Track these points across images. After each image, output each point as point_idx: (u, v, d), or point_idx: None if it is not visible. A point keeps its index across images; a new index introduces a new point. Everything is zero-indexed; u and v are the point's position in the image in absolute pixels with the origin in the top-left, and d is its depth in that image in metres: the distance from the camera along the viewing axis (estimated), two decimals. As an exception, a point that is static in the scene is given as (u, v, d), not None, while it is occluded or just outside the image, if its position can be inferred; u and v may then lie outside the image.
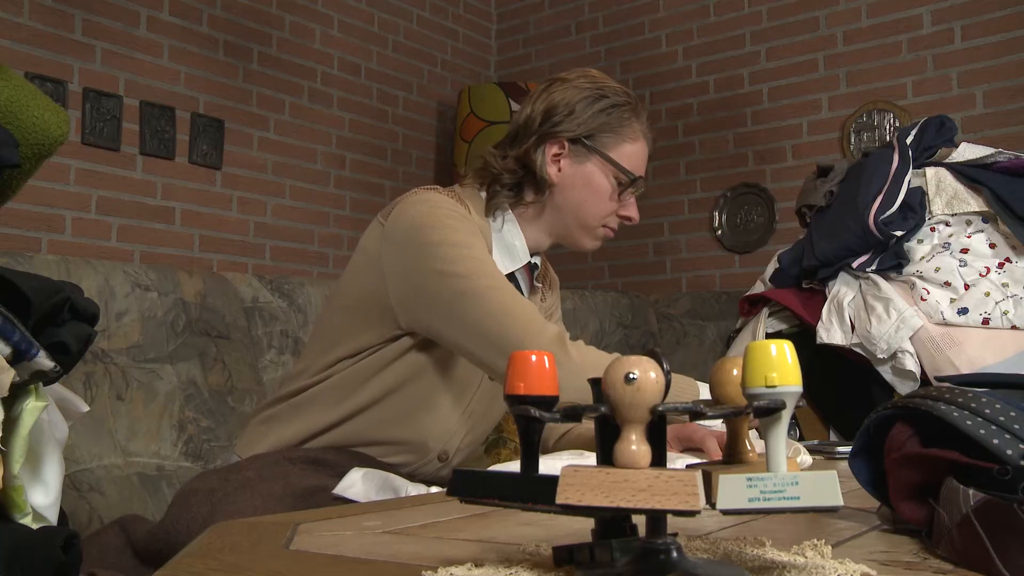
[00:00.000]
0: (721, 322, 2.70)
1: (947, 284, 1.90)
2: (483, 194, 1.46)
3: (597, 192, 1.44)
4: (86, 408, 1.40)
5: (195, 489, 1.30)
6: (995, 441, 0.61)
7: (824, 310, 2.03)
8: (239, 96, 2.92)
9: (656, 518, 0.51)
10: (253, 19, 2.98)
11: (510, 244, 1.45)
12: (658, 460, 0.50)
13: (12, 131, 1.28)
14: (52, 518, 1.11)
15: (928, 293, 1.90)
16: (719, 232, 3.26)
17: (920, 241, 2.03)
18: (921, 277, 1.94)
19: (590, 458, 1.21)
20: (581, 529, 0.70)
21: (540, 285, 1.57)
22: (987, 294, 1.85)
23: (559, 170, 1.43)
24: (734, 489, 0.49)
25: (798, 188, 2.40)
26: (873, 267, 2.01)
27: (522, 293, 1.47)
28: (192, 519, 1.23)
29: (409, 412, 1.41)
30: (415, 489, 1.27)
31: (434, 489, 1.29)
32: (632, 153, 1.44)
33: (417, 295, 1.32)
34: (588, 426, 1.51)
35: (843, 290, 2.04)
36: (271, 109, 3.02)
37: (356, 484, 1.27)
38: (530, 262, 1.49)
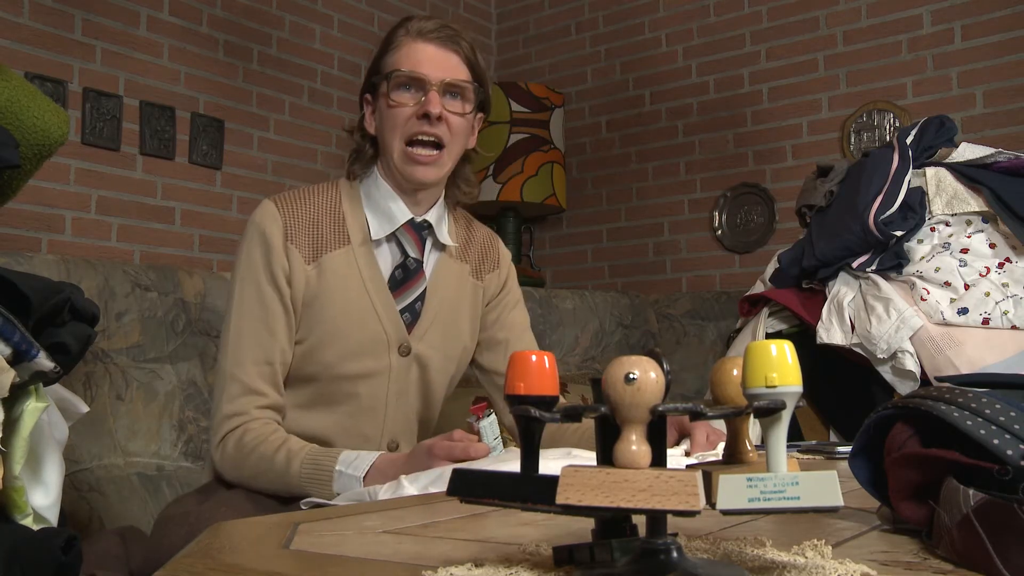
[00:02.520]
0: (721, 322, 2.70)
1: (947, 284, 1.90)
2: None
3: (384, 110, 1.46)
4: (86, 409, 1.40)
5: (171, 515, 1.33)
6: (995, 441, 0.61)
7: (824, 310, 2.03)
8: (239, 96, 2.92)
9: (656, 518, 0.51)
10: (253, 19, 2.98)
11: (384, 208, 1.48)
12: (658, 460, 0.51)
13: (12, 131, 1.28)
14: (52, 519, 1.12)
15: (928, 293, 1.90)
16: (719, 232, 3.26)
17: (920, 241, 2.03)
18: (921, 277, 1.94)
19: (578, 457, 1.22)
20: (581, 529, 0.70)
21: (453, 244, 1.56)
22: (987, 294, 1.85)
23: (372, 120, 1.50)
24: (734, 489, 0.49)
25: (798, 188, 2.40)
26: (873, 267, 2.01)
27: (407, 256, 1.48)
28: (171, 544, 1.21)
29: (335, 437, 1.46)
30: (383, 488, 1.25)
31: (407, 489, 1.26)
32: (394, 60, 1.45)
33: None
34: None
35: (843, 290, 2.04)
36: (271, 109, 3.02)
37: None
38: (416, 221, 1.49)
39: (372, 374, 1.46)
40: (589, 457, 1.34)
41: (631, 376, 0.48)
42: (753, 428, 0.59)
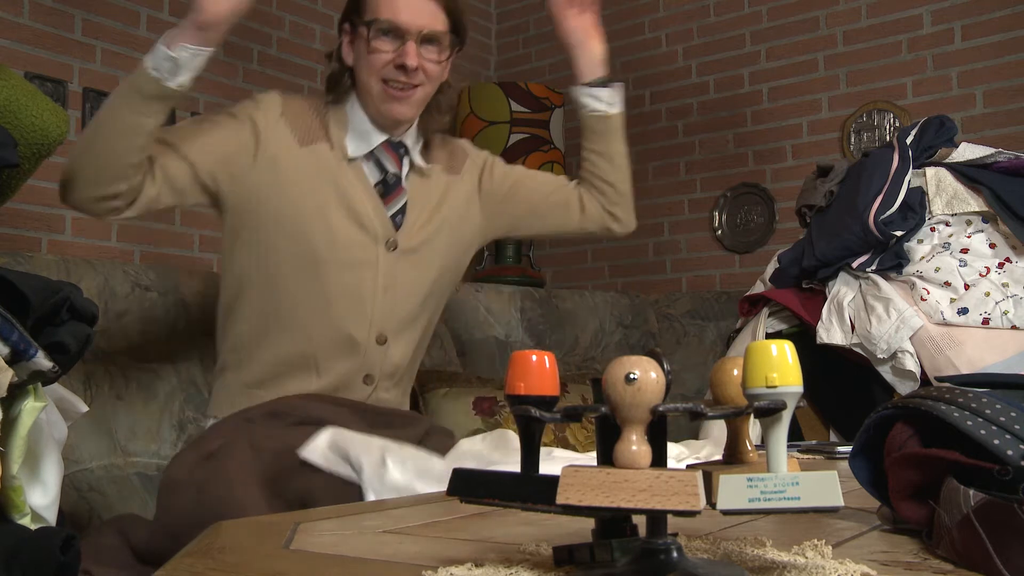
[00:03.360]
0: (721, 322, 2.70)
1: (947, 284, 1.90)
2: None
3: (363, 52, 1.51)
4: (85, 408, 1.40)
5: (176, 479, 1.36)
6: (995, 441, 0.61)
7: (824, 310, 2.03)
8: (239, 96, 2.90)
9: (656, 518, 0.51)
10: (253, 19, 2.98)
11: (361, 129, 1.55)
12: (658, 460, 0.50)
13: (11, 131, 1.28)
14: (51, 518, 1.11)
15: (928, 293, 1.90)
16: (719, 232, 3.26)
17: (920, 241, 2.03)
18: (921, 277, 1.94)
19: (557, 459, 1.22)
20: (581, 529, 0.70)
21: (427, 165, 1.63)
22: (987, 294, 1.85)
23: (351, 51, 1.55)
24: (734, 489, 0.49)
25: (798, 188, 2.40)
26: (873, 267, 2.01)
27: (385, 172, 1.57)
28: (180, 513, 1.30)
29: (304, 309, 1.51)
30: (367, 461, 1.27)
31: (392, 474, 1.26)
32: (375, 4, 1.49)
33: None
34: None
35: (843, 290, 2.04)
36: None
37: (319, 448, 1.31)
38: (393, 141, 1.57)
39: (359, 265, 1.52)
40: (570, 457, 1.35)
41: (631, 376, 0.48)
42: (753, 428, 0.59)
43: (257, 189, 1.49)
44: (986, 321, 1.82)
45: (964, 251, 1.96)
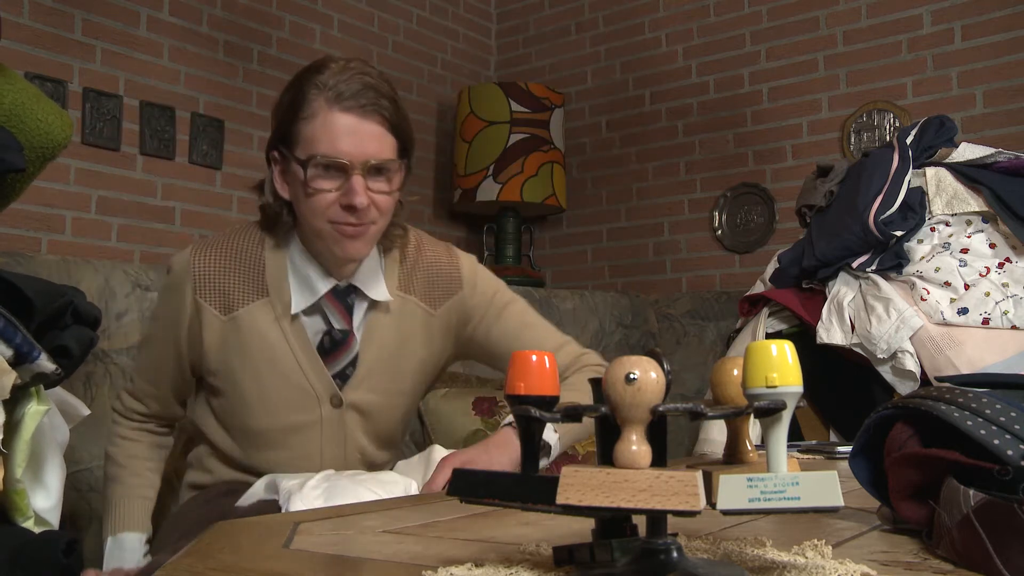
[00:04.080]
0: (721, 322, 2.70)
1: (947, 284, 1.90)
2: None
3: (300, 192, 1.31)
4: (87, 412, 1.41)
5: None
6: (995, 441, 0.61)
7: (824, 310, 2.03)
8: (239, 96, 2.92)
9: (656, 518, 0.51)
10: (253, 19, 2.98)
11: (304, 276, 1.38)
12: (658, 460, 0.51)
13: (16, 134, 1.28)
14: (54, 521, 1.12)
15: (928, 293, 1.90)
16: (719, 232, 3.26)
17: (920, 241, 2.03)
18: (921, 277, 1.94)
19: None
20: (581, 529, 0.70)
21: (392, 297, 1.42)
22: (987, 294, 1.85)
23: (285, 184, 1.35)
24: (734, 489, 0.49)
25: (798, 188, 2.40)
26: (873, 267, 2.01)
27: (332, 327, 1.39)
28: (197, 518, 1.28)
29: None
30: (287, 484, 1.25)
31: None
32: (309, 135, 1.29)
33: None
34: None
35: (843, 290, 2.04)
36: (271, 109, 3.02)
37: (255, 493, 1.28)
38: (340, 288, 1.38)
39: (302, 427, 1.39)
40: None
41: (631, 376, 0.48)
42: (753, 428, 0.59)
43: (207, 368, 1.42)
44: (986, 321, 1.82)
45: (964, 251, 1.96)
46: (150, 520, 1.44)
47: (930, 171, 2.09)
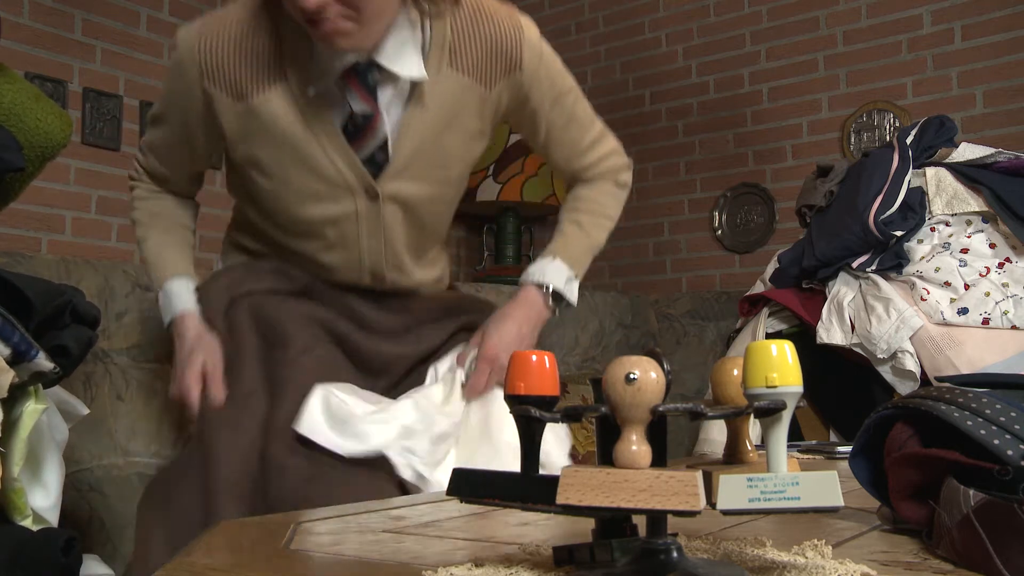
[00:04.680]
0: (721, 322, 2.70)
1: (947, 284, 1.90)
2: None
3: None
4: (86, 411, 1.41)
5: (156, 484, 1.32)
6: (996, 441, 0.61)
7: (824, 310, 2.03)
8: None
9: (656, 518, 0.51)
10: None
11: (319, 53, 1.25)
12: (658, 460, 0.50)
13: (16, 134, 1.28)
14: (52, 520, 1.12)
15: (928, 293, 1.90)
16: (719, 232, 3.26)
17: (920, 241, 2.03)
18: (921, 277, 1.94)
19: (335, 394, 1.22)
20: (581, 529, 0.70)
21: (432, 75, 1.28)
22: (987, 294, 1.85)
23: None
24: (734, 489, 0.49)
25: (798, 188, 2.40)
26: (873, 267, 2.01)
27: (351, 109, 1.27)
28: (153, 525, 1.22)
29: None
30: (376, 428, 1.22)
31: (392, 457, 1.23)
32: None
33: None
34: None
35: (843, 290, 2.04)
36: None
37: (314, 419, 1.22)
38: (360, 68, 1.25)
39: (338, 220, 1.34)
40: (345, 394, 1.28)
41: (631, 376, 0.48)
42: (753, 428, 0.59)
43: (232, 157, 1.40)
44: (986, 321, 1.83)
45: (964, 251, 1.96)
46: (191, 264, 1.46)
47: (930, 171, 2.10)
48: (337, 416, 1.22)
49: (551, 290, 1.45)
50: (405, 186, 1.34)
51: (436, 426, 1.26)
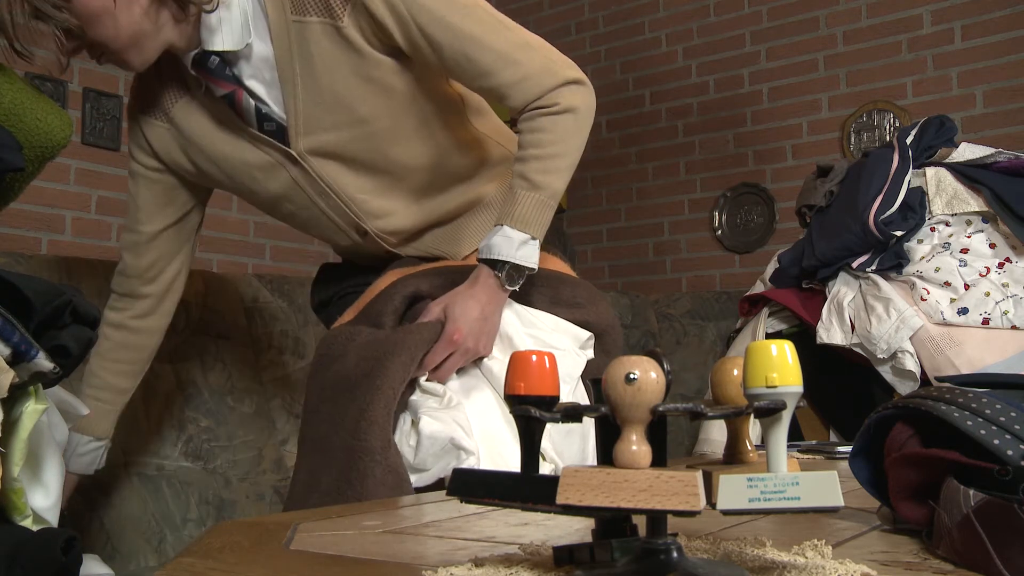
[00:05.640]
0: (721, 322, 2.70)
1: (947, 284, 1.90)
2: None
3: None
4: (86, 411, 1.40)
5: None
6: (996, 442, 0.61)
7: (824, 310, 2.03)
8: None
9: (656, 518, 0.51)
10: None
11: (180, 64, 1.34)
12: (658, 460, 0.50)
13: (16, 134, 1.28)
14: (52, 520, 1.11)
15: (928, 293, 1.90)
16: (719, 232, 3.26)
17: (920, 241, 2.03)
18: (921, 277, 1.94)
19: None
20: (581, 529, 0.70)
21: (266, 41, 1.28)
22: (987, 294, 1.85)
23: None
24: (734, 489, 0.49)
25: (798, 188, 2.40)
26: (873, 267, 2.02)
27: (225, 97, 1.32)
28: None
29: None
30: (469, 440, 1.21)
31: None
32: None
33: None
34: None
35: (843, 290, 2.04)
36: None
37: (427, 462, 1.20)
38: (197, 56, 1.28)
39: (284, 193, 1.39)
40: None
41: (631, 376, 0.48)
42: (753, 428, 0.59)
43: (191, 177, 1.47)
44: (986, 321, 1.83)
45: (964, 251, 1.96)
46: (108, 422, 1.51)
47: (930, 171, 2.10)
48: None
49: (505, 266, 1.30)
50: (316, 139, 1.33)
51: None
